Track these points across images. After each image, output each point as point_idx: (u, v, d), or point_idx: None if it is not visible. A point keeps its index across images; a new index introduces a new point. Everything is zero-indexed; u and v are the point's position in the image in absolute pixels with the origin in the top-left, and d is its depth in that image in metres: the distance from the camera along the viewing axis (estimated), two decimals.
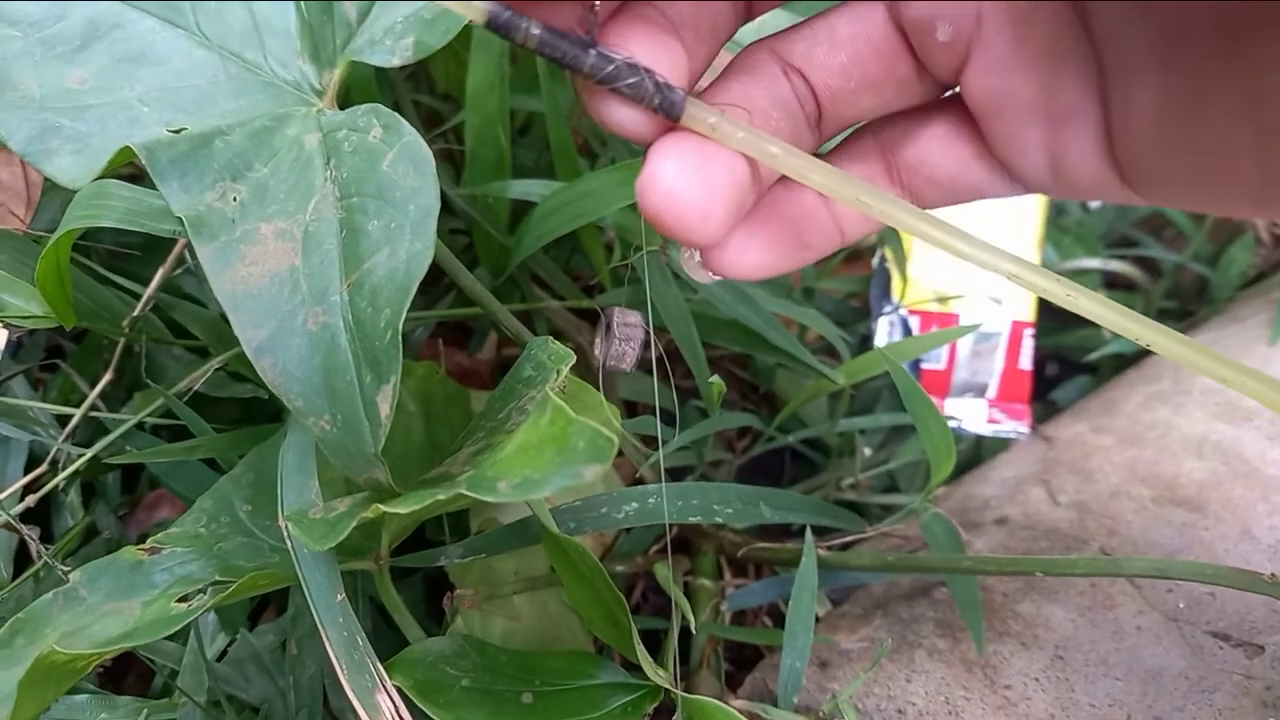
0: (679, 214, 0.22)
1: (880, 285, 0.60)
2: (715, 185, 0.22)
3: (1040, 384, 0.66)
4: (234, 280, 0.28)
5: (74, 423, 0.44)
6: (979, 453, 0.62)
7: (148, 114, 0.33)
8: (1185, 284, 0.69)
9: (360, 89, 0.47)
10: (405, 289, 0.26)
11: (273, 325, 0.27)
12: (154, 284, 0.41)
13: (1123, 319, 0.24)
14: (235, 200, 0.29)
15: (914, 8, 0.24)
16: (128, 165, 0.32)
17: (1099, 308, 0.24)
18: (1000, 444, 0.60)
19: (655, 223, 0.22)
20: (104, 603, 0.34)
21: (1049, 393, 0.66)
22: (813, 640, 0.43)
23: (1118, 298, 0.68)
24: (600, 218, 0.44)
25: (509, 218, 0.53)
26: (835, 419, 0.54)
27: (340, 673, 0.32)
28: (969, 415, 0.59)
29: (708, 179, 0.22)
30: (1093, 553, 0.45)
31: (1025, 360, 0.60)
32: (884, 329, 0.59)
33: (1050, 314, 0.64)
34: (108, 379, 0.44)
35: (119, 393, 0.51)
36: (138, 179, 0.32)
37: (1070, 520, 0.47)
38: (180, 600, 0.33)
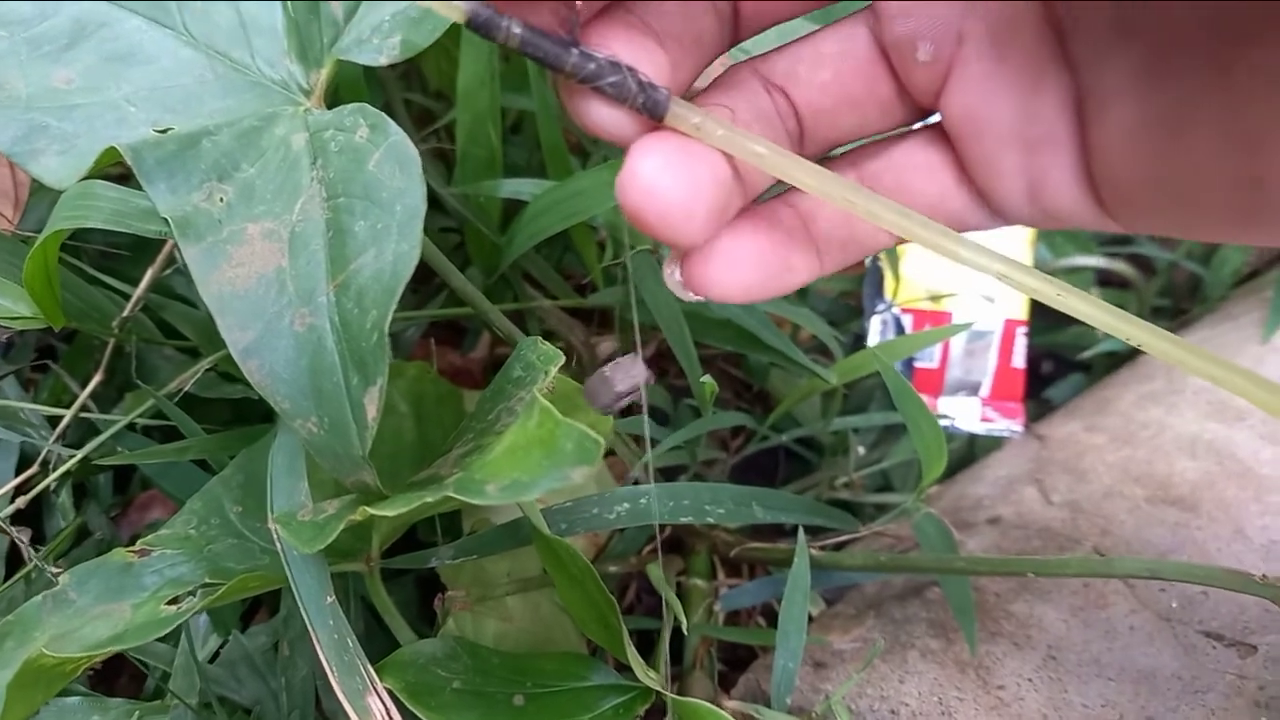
0: (661, 211, 0.21)
1: (873, 284, 0.60)
2: (698, 183, 0.21)
3: (1036, 382, 0.66)
4: (221, 282, 0.27)
5: (64, 423, 0.44)
6: (973, 451, 0.62)
7: (135, 114, 0.33)
8: (1178, 282, 0.69)
9: (350, 88, 0.47)
10: (392, 290, 0.26)
11: (259, 327, 0.27)
12: (143, 284, 0.41)
13: (1112, 318, 0.24)
14: (222, 201, 0.29)
15: (896, 26, 0.24)
16: (117, 165, 0.32)
17: (1089, 307, 0.24)
18: (994, 443, 0.60)
19: (636, 220, 0.21)
20: (94, 605, 0.34)
21: (1044, 391, 0.66)
22: (806, 640, 0.43)
23: (1111, 295, 0.68)
24: (592, 217, 0.44)
25: (501, 217, 0.53)
26: (828, 418, 0.54)
27: (330, 675, 0.32)
28: (962, 414, 0.59)
29: (691, 176, 0.21)
30: (1085, 552, 0.45)
31: (1019, 359, 0.60)
32: (877, 328, 0.59)
33: (1043, 312, 0.64)
34: (98, 380, 0.44)
35: (110, 393, 0.50)
36: (126, 179, 0.32)
37: (1063, 520, 0.47)
38: (170, 602, 0.33)
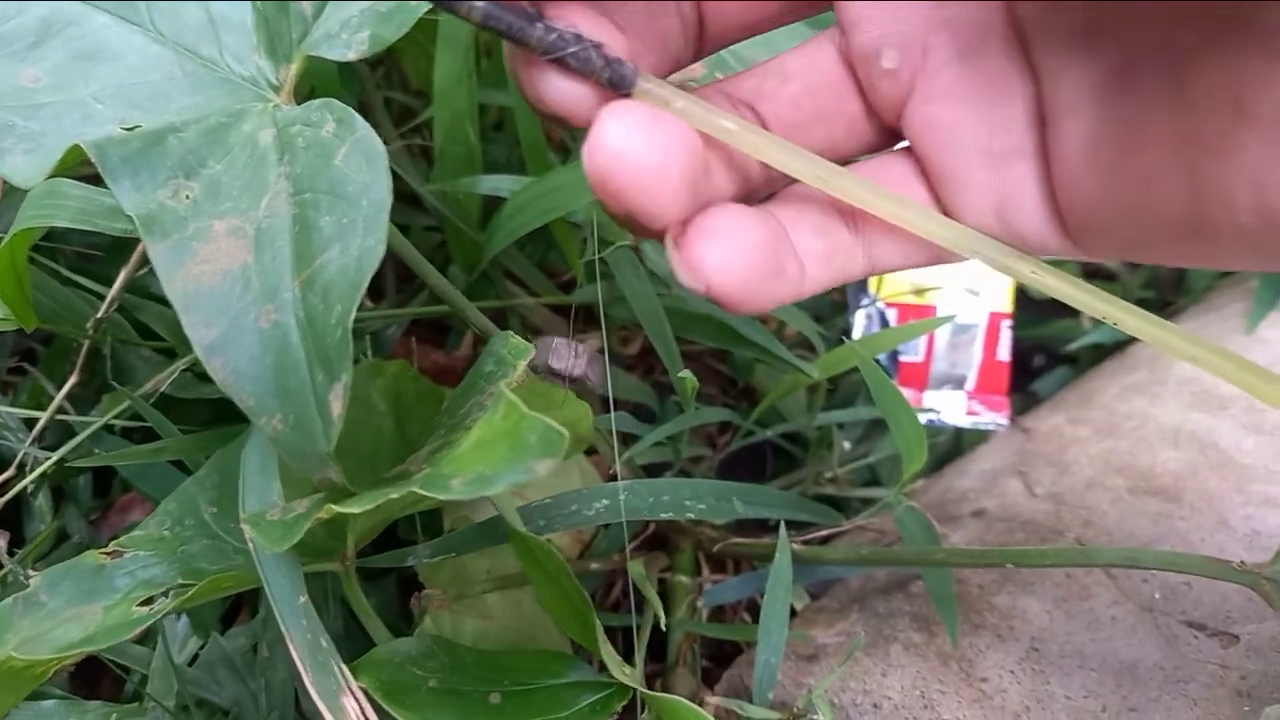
0: (632, 176, 0.20)
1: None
2: (671, 148, 0.21)
3: (1026, 376, 0.66)
4: (186, 279, 0.27)
5: (40, 426, 0.43)
6: (959, 445, 0.61)
7: (102, 111, 0.33)
8: (1163, 274, 0.69)
9: (324, 84, 0.47)
10: (357, 285, 0.26)
11: (224, 324, 0.27)
12: (117, 285, 0.41)
13: (1086, 295, 0.24)
14: (188, 198, 0.29)
15: (861, 34, 0.23)
16: (87, 164, 0.32)
17: (1064, 285, 0.24)
18: (980, 436, 0.60)
19: (605, 188, 0.20)
20: (65, 607, 0.33)
21: (1031, 384, 0.66)
22: (790, 635, 0.43)
23: (1096, 287, 0.68)
24: (570, 212, 0.44)
25: (481, 214, 0.52)
26: (813, 413, 0.54)
27: (305, 675, 0.31)
28: (948, 407, 0.59)
29: (664, 141, 0.20)
30: (1068, 544, 0.45)
31: (1003, 352, 0.59)
32: (861, 322, 0.59)
33: (1028, 305, 0.64)
34: (74, 381, 0.43)
35: (90, 395, 0.50)
36: (97, 178, 0.32)
37: (1046, 512, 0.47)
38: (143, 604, 0.33)
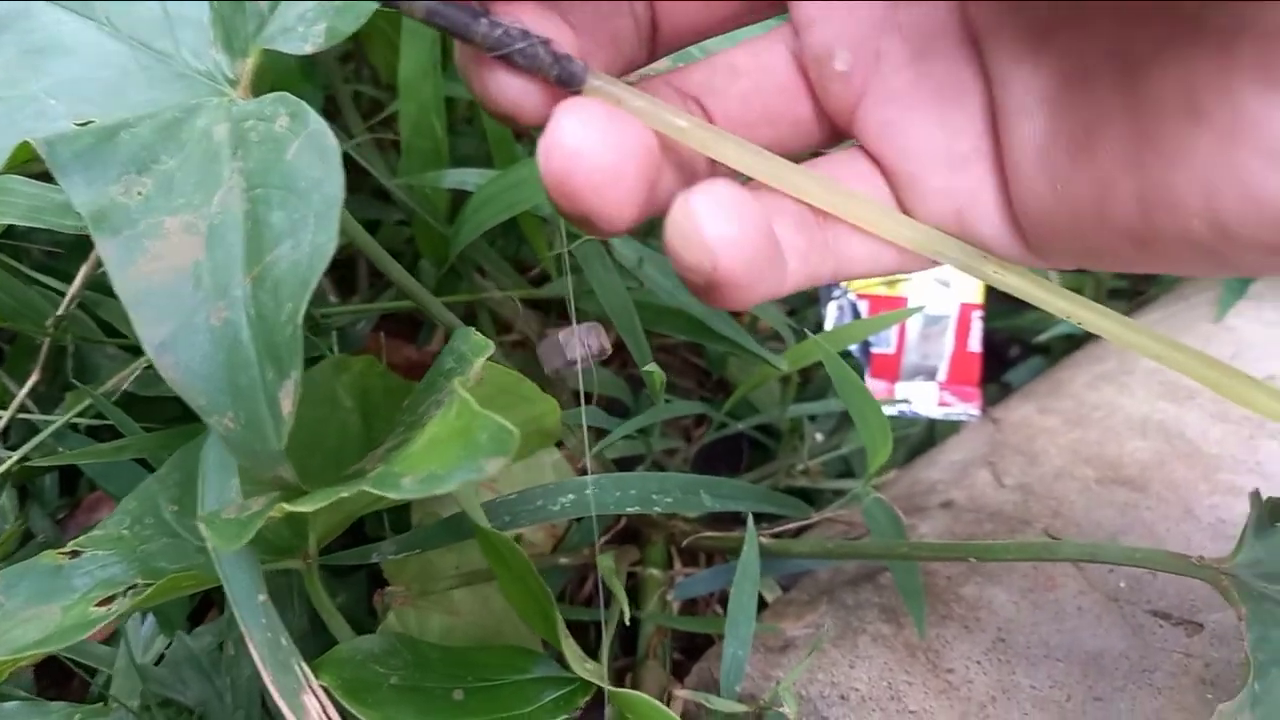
0: (588, 176, 0.20)
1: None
2: (627, 148, 0.20)
3: (1000, 366, 0.66)
4: (136, 276, 0.27)
5: (1, 424, 0.43)
6: (933, 436, 0.62)
7: (55, 107, 0.32)
8: None
9: (285, 79, 0.46)
10: (307, 281, 0.25)
11: (176, 322, 0.26)
12: (77, 282, 0.40)
13: (1050, 295, 0.24)
14: (140, 194, 0.29)
15: (813, 35, 0.23)
16: (40, 161, 0.31)
17: (1027, 285, 0.24)
18: (952, 427, 0.60)
19: (560, 188, 0.20)
20: (22, 608, 0.33)
21: (1006, 373, 0.66)
22: (759, 628, 0.43)
23: (1069, 279, 0.68)
24: (535, 206, 0.44)
25: (449, 208, 0.52)
26: (784, 405, 0.54)
27: (265, 674, 0.31)
28: (920, 398, 0.59)
29: (620, 139, 0.20)
30: (1036, 534, 0.45)
31: (975, 343, 0.60)
32: (833, 314, 0.59)
33: (1000, 296, 0.64)
34: (35, 380, 0.43)
35: (55, 394, 0.50)
36: (51, 175, 0.31)
37: (1015, 503, 0.47)
38: (101, 604, 0.32)
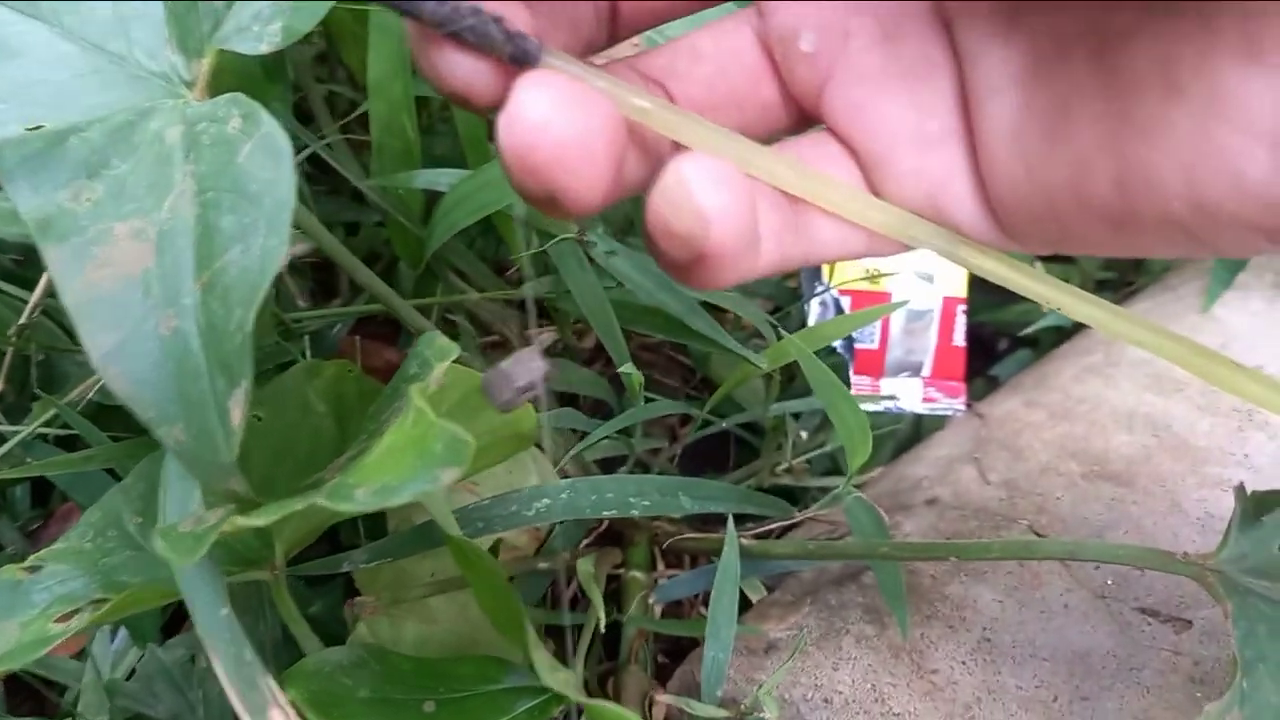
0: (554, 150, 0.18)
1: (811, 266, 0.59)
2: (595, 121, 0.19)
3: (989, 359, 0.66)
4: (84, 285, 0.26)
5: None
6: (919, 431, 0.61)
7: (4, 111, 0.31)
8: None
9: (247, 80, 0.45)
10: (257, 287, 0.25)
11: (124, 331, 0.25)
12: (39, 289, 0.40)
13: (1028, 280, 0.23)
14: (89, 200, 0.28)
15: (779, 15, 0.22)
16: None
17: (1004, 269, 0.23)
18: (939, 422, 0.60)
19: (523, 164, 0.19)
20: None
21: (992, 367, 0.65)
22: (741, 630, 0.42)
23: (1056, 269, 0.67)
24: (506, 205, 0.43)
25: (424, 208, 0.51)
26: (768, 403, 0.53)
27: (230, 691, 0.30)
28: (905, 394, 0.59)
29: (587, 113, 0.19)
30: (1021, 531, 0.44)
31: (959, 337, 0.59)
32: (816, 310, 0.58)
33: (985, 289, 0.63)
34: None
35: (24, 404, 0.49)
36: None
37: (1000, 499, 0.47)
38: (60, 620, 0.31)
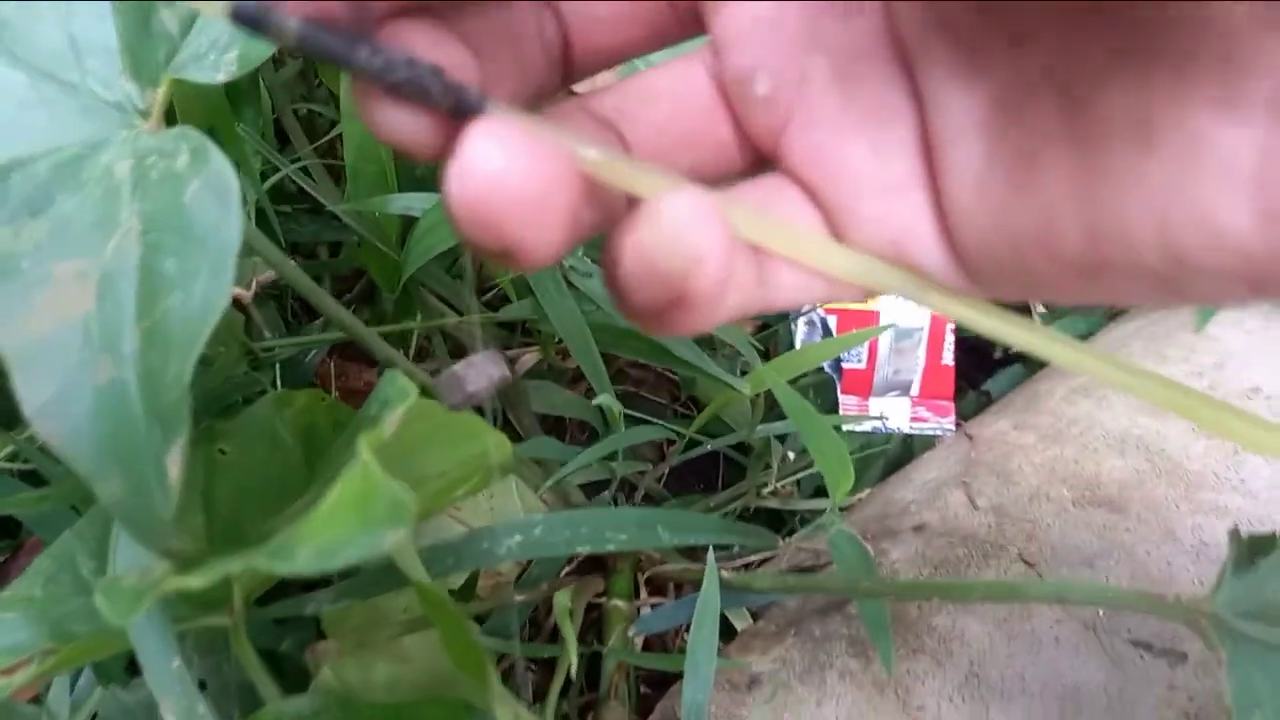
0: (512, 203, 0.17)
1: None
2: (552, 171, 0.18)
3: (984, 368, 0.64)
4: (20, 331, 0.25)
5: None
6: (909, 450, 0.60)
7: None
8: None
9: (211, 108, 0.43)
10: (196, 337, 0.23)
11: (60, 380, 0.24)
12: None
13: (1002, 324, 0.22)
14: (31, 240, 0.27)
15: (734, 55, 0.21)
16: None
17: (976, 315, 0.22)
18: (929, 441, 0.59)
19: (477, 218, 0.17)
20: None
21: (986, 381, 0.64)
22: (723, 664, 0.41)
23: (1013, 314, 0.66)
24: None
25: (401, 232, 0.50)
26: (754, 424, 0.52)
27: None
28: (894, 413, 0.58)
29: (544, 162, 0.18)
30: (1010, 559, 0.43)
31: (948, 356, 0.58)
32: (803, 330, 0.57)
33: None
34: None
35: None
36: None
37: (988, 526, 0.46)
38: (5, 672, 0.30)
